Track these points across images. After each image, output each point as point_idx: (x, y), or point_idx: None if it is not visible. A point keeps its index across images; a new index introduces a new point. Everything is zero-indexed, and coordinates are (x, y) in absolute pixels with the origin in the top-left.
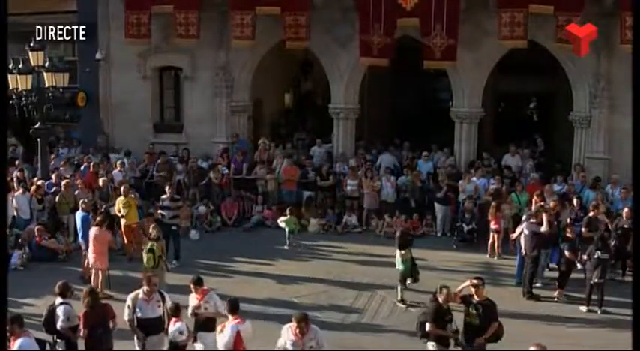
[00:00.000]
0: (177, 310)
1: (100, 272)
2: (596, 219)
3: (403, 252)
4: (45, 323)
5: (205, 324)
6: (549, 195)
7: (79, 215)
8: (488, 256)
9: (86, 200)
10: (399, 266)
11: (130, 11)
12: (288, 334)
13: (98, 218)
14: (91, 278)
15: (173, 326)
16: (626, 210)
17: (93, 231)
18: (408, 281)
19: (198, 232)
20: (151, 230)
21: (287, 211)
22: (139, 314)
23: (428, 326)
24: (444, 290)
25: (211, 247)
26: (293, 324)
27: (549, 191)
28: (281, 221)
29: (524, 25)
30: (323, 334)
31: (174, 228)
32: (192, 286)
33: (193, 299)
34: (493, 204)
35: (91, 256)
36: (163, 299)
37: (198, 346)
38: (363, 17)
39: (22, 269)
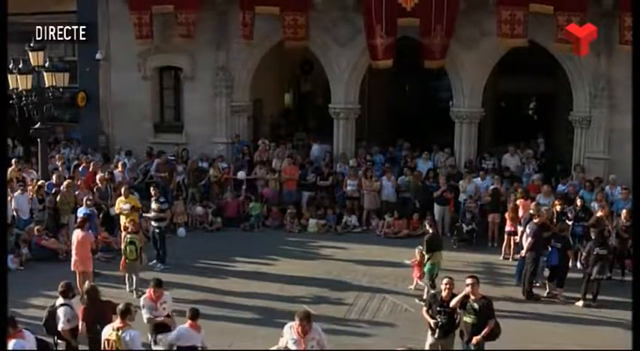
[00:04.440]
0: (125, 313)
1: (85, 276)
2: (603, 219)
3: (429, 255)
4: (45, 324)
5: (162, 326)
6: (547, 195)
7: (81, 211)
8: (502, 257)
9: (90, 197)
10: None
11: (132, 11)
12: (290, 332)
13: (79, 220)
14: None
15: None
16: (624, 211)
17: (76, 234)
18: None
19: (184, 230)
20: (127, 224)
21: (253, 198)
22: None
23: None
24: (445, 280)
25: (211, 247)
26: (295, 322)
27: (547, 191)
28: (250, 206)
29: (524, 23)
30: (326, 336)
31: (157, 230)
32: (152, 288)
33: (148, 301)
34: (511, 206)
35: (74, 259)
36: None
37: (158, 347)
38: (368, 21)
39: (22, 269)
